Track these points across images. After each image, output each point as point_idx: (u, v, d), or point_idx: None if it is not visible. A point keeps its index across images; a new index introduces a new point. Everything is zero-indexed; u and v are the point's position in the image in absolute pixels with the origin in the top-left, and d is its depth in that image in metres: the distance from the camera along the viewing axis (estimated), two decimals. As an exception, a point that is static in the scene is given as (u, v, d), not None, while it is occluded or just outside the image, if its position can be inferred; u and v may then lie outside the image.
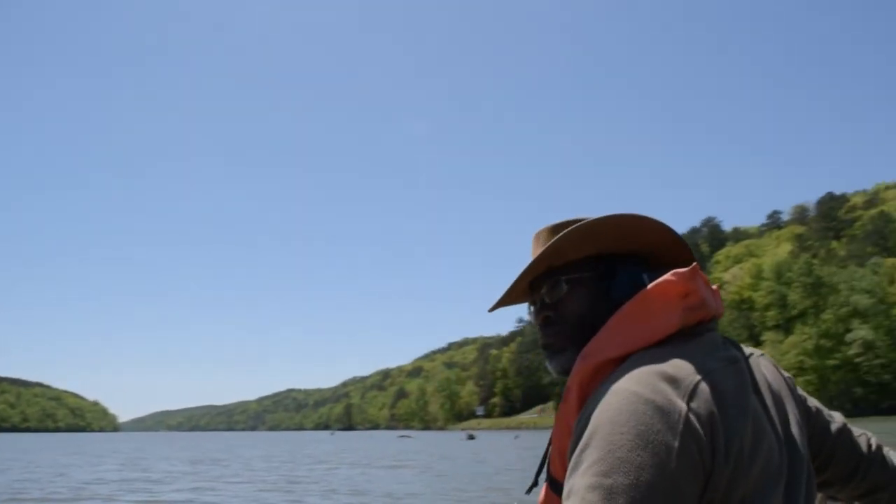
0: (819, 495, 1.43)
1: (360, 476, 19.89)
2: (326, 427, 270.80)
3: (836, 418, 1.36)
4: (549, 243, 1.19)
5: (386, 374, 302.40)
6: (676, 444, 0.90)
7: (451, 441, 61.85)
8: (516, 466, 22.62)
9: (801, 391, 1.28)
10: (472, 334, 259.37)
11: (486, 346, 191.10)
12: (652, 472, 0.89)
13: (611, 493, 0.88)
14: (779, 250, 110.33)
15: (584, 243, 1.20)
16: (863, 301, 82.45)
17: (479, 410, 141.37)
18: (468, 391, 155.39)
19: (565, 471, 1.00)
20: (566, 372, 1.19)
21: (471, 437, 68.77)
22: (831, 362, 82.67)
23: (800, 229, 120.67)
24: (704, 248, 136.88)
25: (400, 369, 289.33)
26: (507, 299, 1.34)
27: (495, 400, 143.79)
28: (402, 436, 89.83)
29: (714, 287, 1.19)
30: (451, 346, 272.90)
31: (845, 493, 1.39)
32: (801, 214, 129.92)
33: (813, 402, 1.33)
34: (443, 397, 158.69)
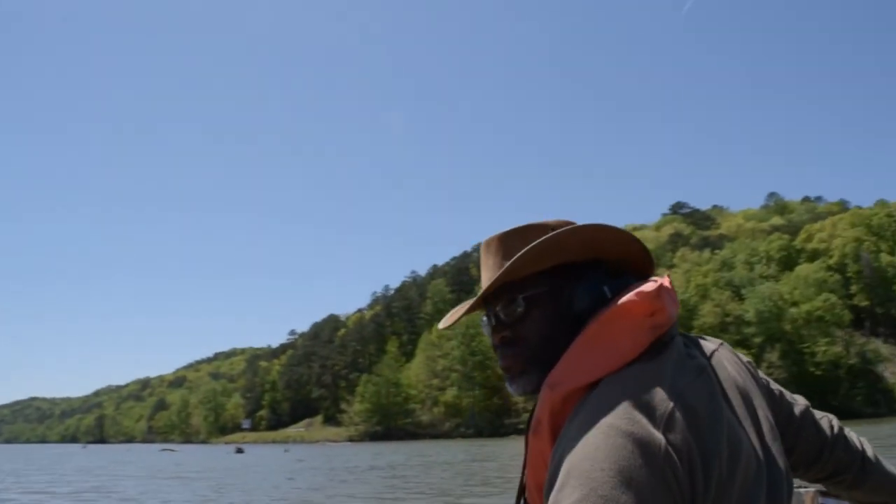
0: (811, 491, 1.45)
1: (154, 489, 19.91)
2: (74, 440, 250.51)
3: (799, 401, 1.35)
4: (507, 266, 1.12)
5: (145, 384, 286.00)
6: (658, 479, 0.87)
7: (220, 454, 60.92)
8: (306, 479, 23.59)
9: (762, 375, 1.27)
10: (240, 344, 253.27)
11: (255, 357, 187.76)
12: None
13: None
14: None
15: (544, 259, 1.13)
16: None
17: (246, 423, 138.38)
18: (234, 403, 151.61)
19: None
20: (530, 394, 1.15)
21: (239, 451, 68.08)
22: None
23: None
24: (475, 271, 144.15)
25: (161, 378, 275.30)
26: (463, 312, 1.28)
27: (262, 413, 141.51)
28: (165, 449, 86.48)
29: (664, 279, 1.15)
30: (217, 356, 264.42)
31: (809, 476, 1.39)
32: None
33: (775, 385, 1.30)
34: (207, 409, 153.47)
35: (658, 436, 0.90)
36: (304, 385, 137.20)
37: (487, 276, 1.20)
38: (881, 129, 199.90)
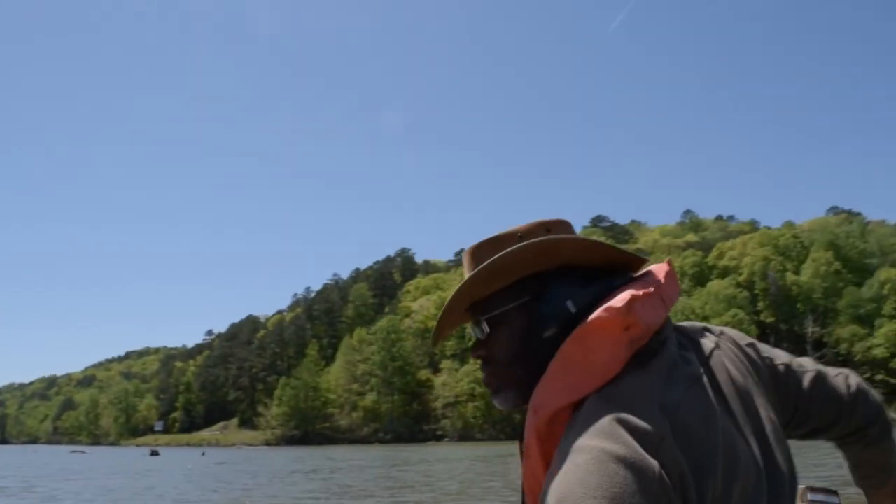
0: (801, 488, 1.40)
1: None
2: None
3: (808, 368, 1.28)
4: (454, 292, 1.12)
5: (51, 382, 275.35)
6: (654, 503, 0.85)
7: (135, 457, 59.73)
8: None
9: (766, 354, 1.23)
10: (154, 343, 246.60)
11: (169, 357, 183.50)
12: None
13: None
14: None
15: (497, 279, 1.11)
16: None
17: (158, 425, 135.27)
18: (147, 404, 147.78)
19: None
20: (513, 407, 1.13)
21: (154, 454, 66.90)
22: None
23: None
24: (398, 277, 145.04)
25: (69, 377, 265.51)
26: (446, 333, 1.24)
27: (176, 415, 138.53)
28: (75, 451, 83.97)
29: (661, 268, 1.14)
30: (129, 355, 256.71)
31: (832, 436, 1.34)
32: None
33: (781, 358, 1.24)
34: (118, 410, 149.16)
35: (651, 461, 0.87)
36: (220, 387, 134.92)
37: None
38: (791, 152, 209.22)
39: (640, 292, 1.03)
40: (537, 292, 1.10)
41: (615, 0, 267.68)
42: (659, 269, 1.14)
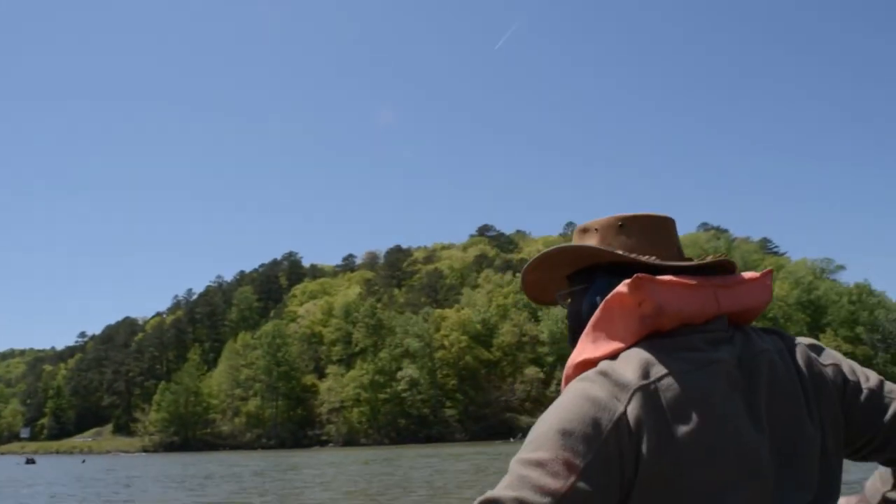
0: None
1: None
2: None
3: (871, 379, 1.24)
4: (522, 272, 1.34)
5: None
6: (601, 438, 0.98)
7: (8, 465, 57.05)
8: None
9: (830, 361, 1.23)
10: (19, 345, 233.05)
11: (37, 360, 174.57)
12: (569, 456, 0.97)
13: (530, 465, 0.98)
14: (349, 291, 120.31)
15: (560, 267, 1.32)
16: (413, 344, 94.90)
17: (24, 432, 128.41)
18: (12, 410, 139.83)
19: None
20: None
21: (30, 462, 64.20)
22: (383, 396, 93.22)
23: (369, 274, 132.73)
24: (284, 281, 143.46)
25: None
26: (542, 298, 1.43)
27: (44, 421, 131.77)
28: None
29: (750, 275, 1.23)
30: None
31: (885, 457, 1.28)
32: (371, 261, 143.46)
33: (870, 381, 1.23)
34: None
35: (618, 404, 1.01)
36: (93, 392, 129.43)
37: None
38: (667, 165, 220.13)
39: (667, 279, 1.14)
40: (590, 283, 1.27)
41: (505, 16, 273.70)
42: (745, 274, 1.23)
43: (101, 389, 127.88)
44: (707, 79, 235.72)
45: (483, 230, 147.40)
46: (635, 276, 1.12)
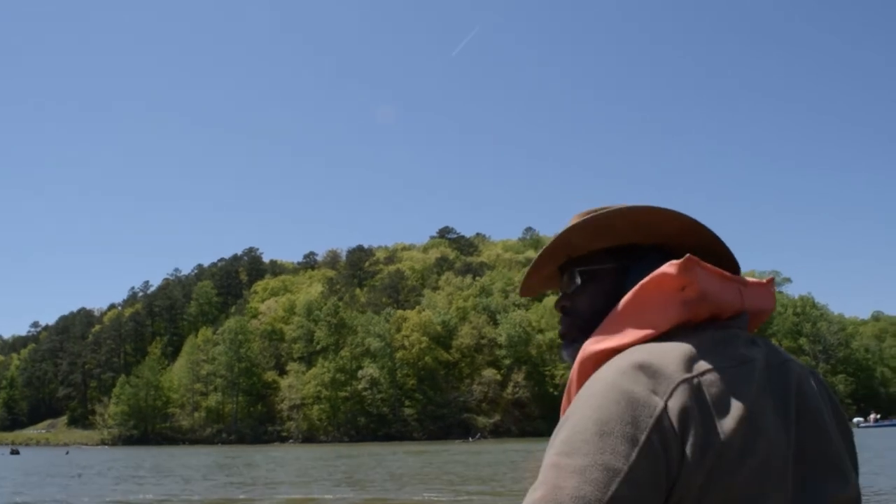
0: None
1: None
2: None
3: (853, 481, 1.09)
4: (555, 236, 1.20)
5: None
6: (642, 438, 0.90)
7: None
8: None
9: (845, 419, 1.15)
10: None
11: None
12: (609, 460, 0.89)
13: (566, 472, 0.90)
14: (311, 289, 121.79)
15: (597, 237, 1.19)
16: (374, 343, 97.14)
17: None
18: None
19: None
20: None
21: (15, 452, 65.02)
22: (343, 394, 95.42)
23: (331, 273, 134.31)
24: (244, 276, 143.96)
25: None
26: (535, 286, 1.35)
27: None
28: None
29: (754, 280, 1.17)
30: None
31: None
32: (333, 259, 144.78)
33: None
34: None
35: (657, 399, 0.92)
36: (47, 383, 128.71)
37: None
38: (631, 173, 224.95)
39: (711, 267, 1.09)
40: (629, 262, 1.19)
41: (468, 17, 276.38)
42: (756, 279, 1.18)
43: (56, 381, 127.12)
44: (670, 81, 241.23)
45: (443, 232, 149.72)
46: (687, 256, 1.06)
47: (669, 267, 1.06)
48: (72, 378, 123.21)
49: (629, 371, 0.96)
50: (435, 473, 27.23)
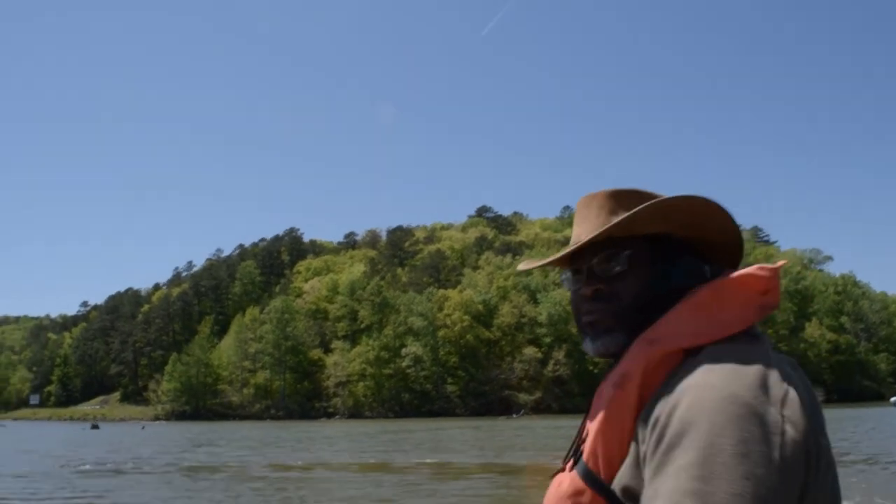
0: None
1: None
2: None
3: None
4: (629, 214, 1.09)
5: None
6: (777, 455, 0.84)
7: (78, 431, 60.06)
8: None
9: None
10: (13, 312, 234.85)
11: (39, 328, 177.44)
12: (756, 485, 0.81)
13: (711, 500, 0.81)
14: (353, 269, 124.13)
15: (655, 221, 1.11)
16: (417, 322, 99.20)
17: (34, 399, 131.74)
18: (21, 377, 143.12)
19: (609, 464, 0.98)
20: (611, 354, 1.12)
21: (95, 427, 68.32)
22: (387, 371, 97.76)
23: (372, 253, 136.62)
24: (285, 256, 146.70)
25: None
26: (545, 262, 1.24)
27: (51, 388, 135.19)
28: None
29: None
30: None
31: None
32: (373, 239, 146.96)
33: None
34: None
35: (775, 412, 0.87)
36: (99, 361, 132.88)
37: (586, 228, 1.18)
38: (664, 152, 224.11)
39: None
40: (672, 250, 1.14)
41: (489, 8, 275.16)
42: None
43: (107, 358, 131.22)
44: (708, 69, 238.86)
45: (481, 211, 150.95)
46: (780, 263, 1.05)
47: (760, 269, 1.04)
48: (123, 356, 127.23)
49: (742, 380, 0.90)
50: (521, 444, 28.99)
